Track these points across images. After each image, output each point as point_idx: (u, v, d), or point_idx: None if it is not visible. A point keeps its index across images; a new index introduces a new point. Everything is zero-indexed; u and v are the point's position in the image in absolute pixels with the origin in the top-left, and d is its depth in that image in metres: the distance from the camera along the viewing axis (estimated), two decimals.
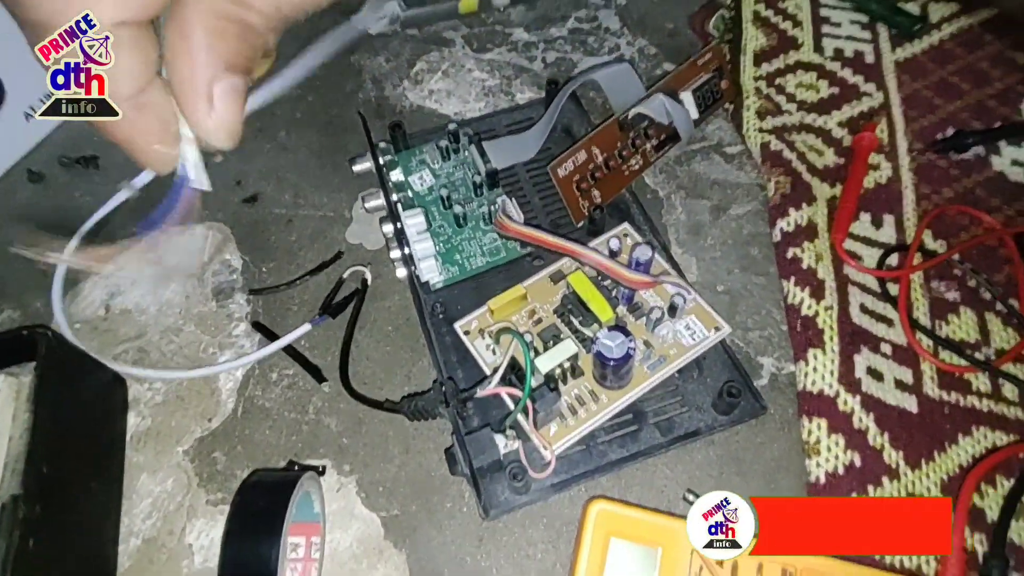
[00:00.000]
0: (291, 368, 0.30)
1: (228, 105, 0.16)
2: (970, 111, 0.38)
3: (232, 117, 0.16)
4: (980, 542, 0.25)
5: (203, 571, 0.25)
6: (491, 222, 0.32)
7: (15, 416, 0.22)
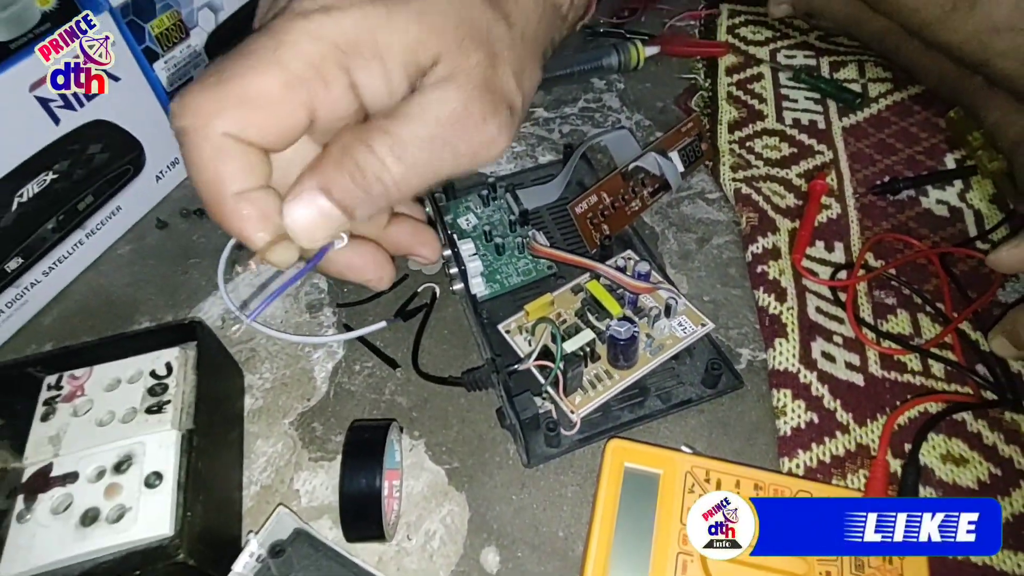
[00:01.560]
0: (370, 361, 0.38)
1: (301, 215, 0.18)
2: (903, 164, 0.48)
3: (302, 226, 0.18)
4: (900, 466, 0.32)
5: (308, 509, 0.33)
6: (524, 250, 0.42)
7: (185, 376, 0.31)
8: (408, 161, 0.19)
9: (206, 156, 0.18)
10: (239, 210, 0.18)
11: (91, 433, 0.28)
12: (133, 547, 0.26)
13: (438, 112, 0.19)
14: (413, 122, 0.19)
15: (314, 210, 0.18)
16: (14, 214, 0.38)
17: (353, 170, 0.19)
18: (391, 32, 0.19)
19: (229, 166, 0.18)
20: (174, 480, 0.27)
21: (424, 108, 0.19)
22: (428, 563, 0.31)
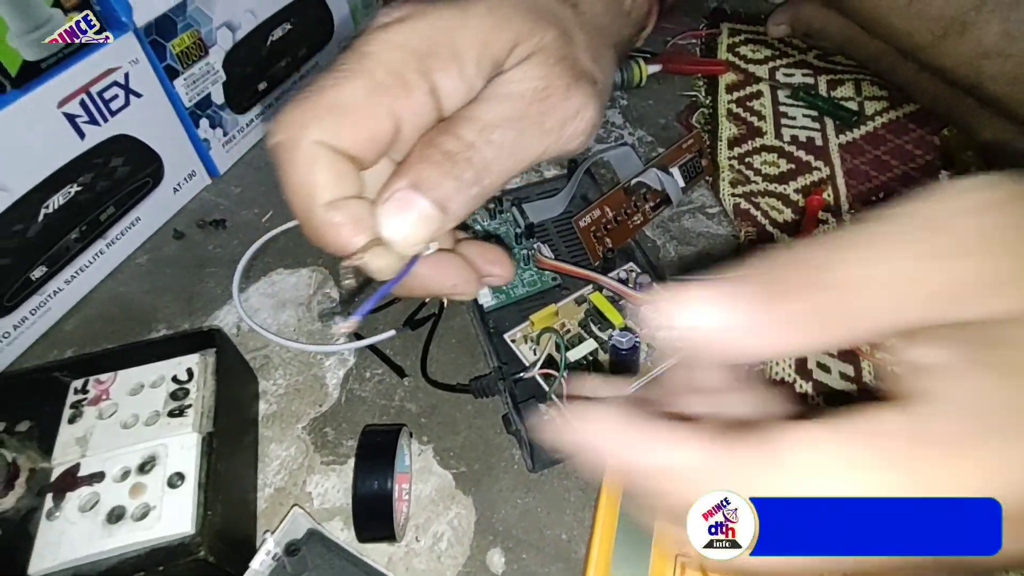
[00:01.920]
0: (380, 368, 0.40)
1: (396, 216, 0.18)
2: (898, 180, 0.49)
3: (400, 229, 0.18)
4: None
5: (320, 511, 0.34)
6: (529, 262, 0.43)
7: (205, 382, 0.32)
8: (496, 143, 0.19)
9: (299, 166, 0.18)
10: (330, 219, 0.18)
11: (116, 435, 0.30)
12: (157, 544, 0.27)
13: (521, 89, 0.19)
14: (497, 103, 0.19)
15: (409, 210, 0.18)
16: (40, 224, 0.40)
17: (442, 160, 0.18)
18: (465, 31, 0.19)
19: (320, 175, 0.18)
20: (195, 481, 0.28)
21: (506, 88, 0.19)
22: (436, 563, 0.32)
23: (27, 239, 0.39)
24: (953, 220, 0.14)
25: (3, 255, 0.38)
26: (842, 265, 0.13)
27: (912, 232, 0.14)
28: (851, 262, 0.13)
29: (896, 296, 0.13)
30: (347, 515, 0.34)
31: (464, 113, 0.20)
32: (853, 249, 0.14)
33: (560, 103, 0.20)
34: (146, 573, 0.26)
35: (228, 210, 0.50)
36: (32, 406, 0.32)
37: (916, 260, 0.13)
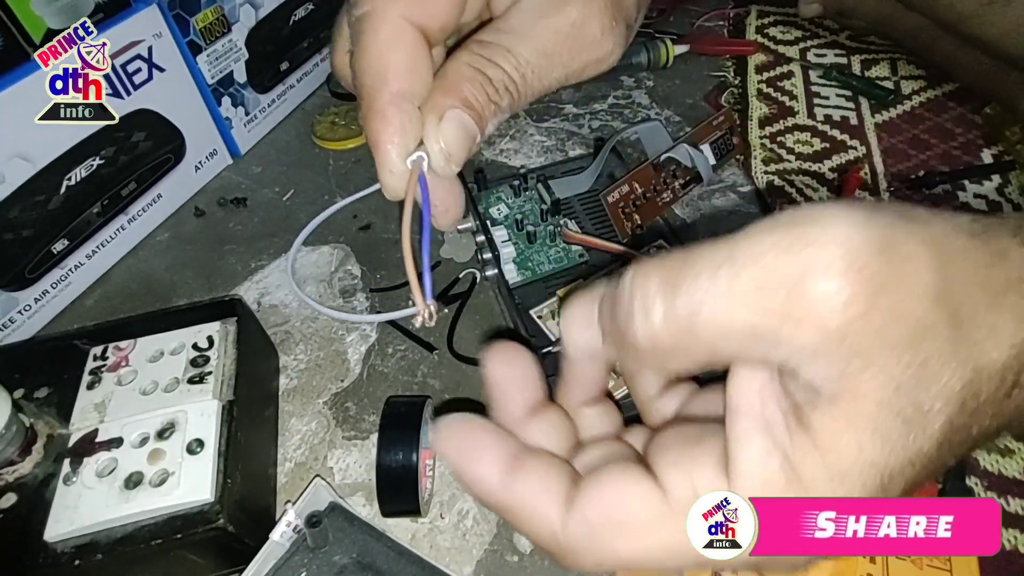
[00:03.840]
0: (403, 344, 0.39)
1: (451, 132, 0.18)
2: (938, 159, 0.47)
3: (451, 144, 0.18)
4: None
5: (341, 486, 0.33)
6: (555, 239, 0.42)
7: (226, 350, 0.31)
8: (528, 75, 0.19)
9: (382, 40, 0.19)
10: (386, 112, 0.19)
11: (135, 401, 0.29)
12: (175, 511, 0.26)
13: (557, 26, 0.20)
14: (533, 38, 0.19)
15: (459, 126, 0.18)
16: (62, 197, 0.39)
17: (487, 85, 0.19)
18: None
19: (397, 55, 0.19)
20: (215, 448, 0.28)
21: (543, 22, 0.20)
22: (461, 541, 0.31)
23: (49, 211, 0.39)
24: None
25: (25, 226, 0.38)
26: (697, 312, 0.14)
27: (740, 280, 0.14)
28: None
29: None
30: (369, 491, 0.32)
31: (503, 40, 0.20)
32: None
33: (591, 47, 0.20)
34: (163, 541, 0.26)
35: (249, 189, 0.49)
36: (51, 373, 0.31)
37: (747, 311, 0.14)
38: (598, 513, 0.16)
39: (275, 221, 0.47)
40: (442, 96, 0.19)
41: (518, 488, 0.17)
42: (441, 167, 0.19)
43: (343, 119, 0.54)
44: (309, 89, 0.57)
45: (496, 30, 0.20)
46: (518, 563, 0.30)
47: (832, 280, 0.12)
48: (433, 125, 0.18)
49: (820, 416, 0.14)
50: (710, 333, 0.14)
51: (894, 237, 0.13)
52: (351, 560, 0.28)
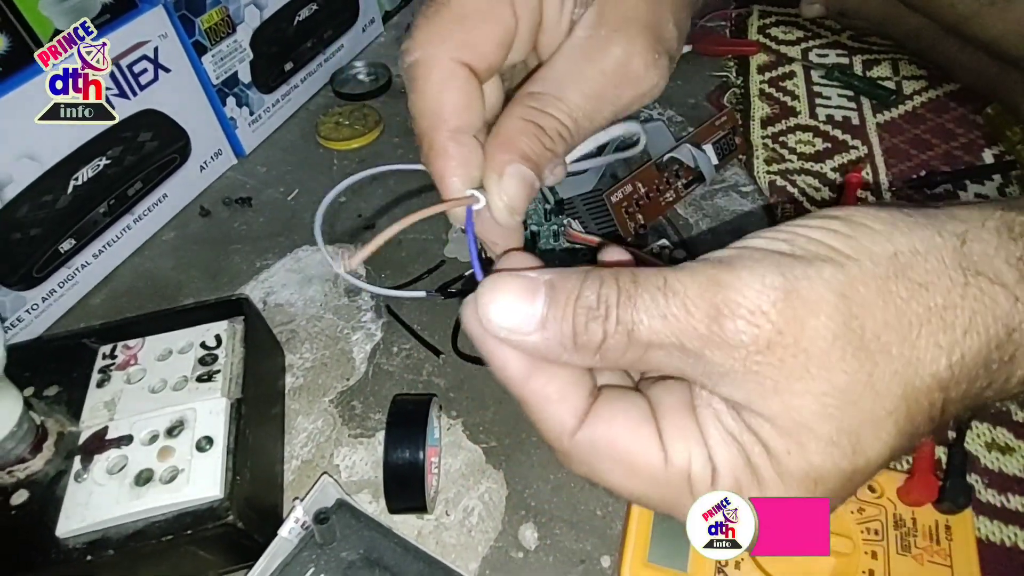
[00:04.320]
0: (408, 343, 0.39)
1: (512, 187, 0.19)
2: (939, 159, 0.47)
3: (513, 198, 0.19)
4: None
5: (348, 483, 0.33)
6: (559, 239, 0.42)
7: (234, 349, 0.32)
8: (580, 118, 0.20)
9: (434, 83, 0.19)
10: (447, 148, 0.19)
11: (144, 399, 0.29)
12: (185, 507, 0.26)
13: (603, 67, 0.20)
14: (581, 83, 0.20)
15: (519, 180, 0.19)
16: (69, 196, 0.39)
17: (541, 136, 0.20)
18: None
19: (452, 95, 0.19)
20: (224, 445, 0.28)
21: (589, 65, 0.20)
22: (467, 538, 0.31)
23: (56, 210, 0.39)
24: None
25: (33, 225, 0.38)
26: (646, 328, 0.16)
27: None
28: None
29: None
30: (375, 488, 0.33)
31: (554, 90, 0.20)
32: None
33: (637, 82, 0.21)
34: (174, 537, 0.26)
35: (254, 189, 0.50)
36: (60, 371, 0.31)
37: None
38: (606, 443, 0.17)
39: (280, 221, 0.47)
40: (501, 152, 0.19)
41: (539, 385, 0.17)
42: (505, 220, 0.20)
43: (347, 119, 0.54)
44: (313, 89, 0.57)
45: (544, 79, 0.20)
46: (523, 559, 0.30)
47: (739, 320, 0.15)
48: (495, 182, 0.19)
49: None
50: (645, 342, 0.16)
51: (799, 287, 0.15)
52: (358, 556, 0.28)
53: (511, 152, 0.19)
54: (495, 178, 0.19)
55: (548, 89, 0.20)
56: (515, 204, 0.19)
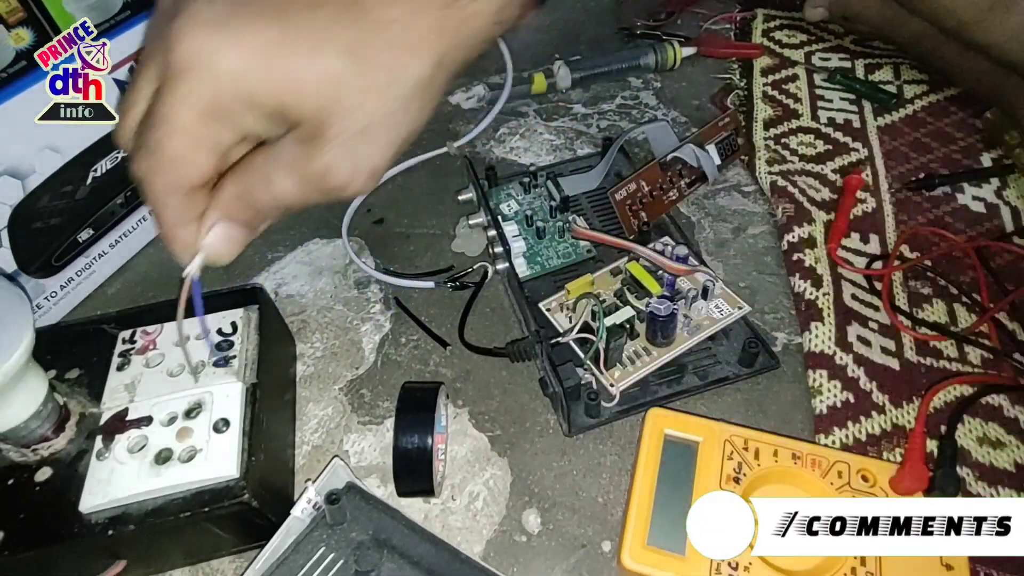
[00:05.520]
0: (416, 334, 0.40)
1: (218, 238, 0.23)
2: (938, 162, 0.48)
3: (218, 252, 0.23)
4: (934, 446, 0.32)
5: (357, 468, 0.34)
6: (564, 234, 0.43)
7: (249, 335, 0.33)
8: (286, 199, 0.22)
9: (153, 199, 0.22)
10: (174, 236, 0.23)
11: (163, 382, 0.30)
12: (202, 486, 0.27)
13: (304, 170, 0.21)
14: (287, 175, 0.22)
15: (224, 237, 0.23)
16: (88, 187, 0.41)
17: (247, 206, 0.23)
18: (258, 83, 0.20)
19: (171, 208, 0.22)
20: (240, 427, 0.29)
21: (294, 161, 0.21)
22: (472, 522, 0.32)
23: (76, 201, 0.40)
24: None
25: (53, 215, 0.39)
26: None
27: None
28: None
29: None
30: (384, 473, 0.34)
31: (264, 170, 0.22)
32: None
33: (338, 188, 0.22)
34: (192, 514, 0.27)
35: None
36: (81, 355, 0.32)
37: None
38: None
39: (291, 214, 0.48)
40: (209, 214, 0.23)
41: None
42: (213, 263, 0.24)
43: None
44: None
45: (263, 153, 0.22)
46: (526, 543, 0.31)
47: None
48: (202, 237, 0.23)
49: None
50: None
51: None
52: (368, 537, 0.29)
53: (220, 212, 0.22)
54: (204, 234, 0.23)
55: (260, 165, 0.22)
56: (222, 254, 0.23)
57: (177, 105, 0.20)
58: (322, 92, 0.20)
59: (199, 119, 0.20)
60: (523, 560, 0.31)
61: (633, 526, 0.29)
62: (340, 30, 0.20)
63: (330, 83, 0.20)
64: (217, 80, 0.19)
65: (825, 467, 0.30)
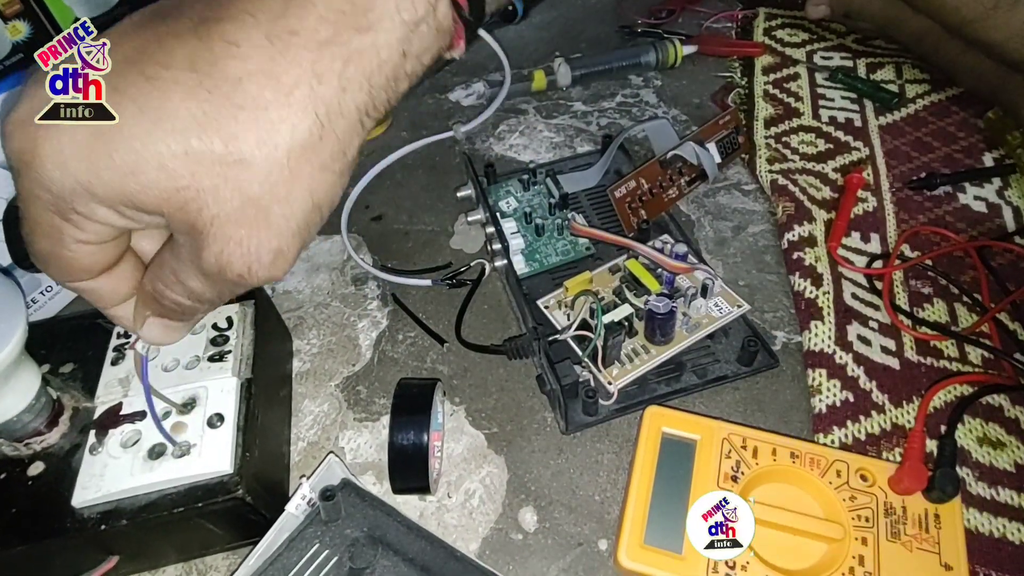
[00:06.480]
0: (413, 331, 0.40)
1: (152, 331, 0.23)
2: (940, 161, 0.48)
3: (155, 338, 0.24)
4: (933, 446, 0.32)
5: (352, 465, 0.34)
6: (563, 232, 0.43)
7: (244, 331, 0.32)
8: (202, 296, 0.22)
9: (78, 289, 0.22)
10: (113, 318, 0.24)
11: (158, 377, 0.30)
12: (196, 481, 0.27)
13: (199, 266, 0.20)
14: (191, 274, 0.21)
15: (158, 328, 0.24)
16: None
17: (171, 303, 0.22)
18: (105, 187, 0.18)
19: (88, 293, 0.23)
20: (234, 422, 0.29)
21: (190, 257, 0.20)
22: (468, 519, 0.32)
23: None
24: None
25: None
26: None
27: None
28: None
29: None
30: (379, 470, 0.34)
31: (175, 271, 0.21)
32: None
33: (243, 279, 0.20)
34: (185, 509, 0.27)
35: None
36: (75, 350, 0.32)
37: None
38: None
39: None
40: (139, 306, 0.23)
41: None
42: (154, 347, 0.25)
43: None
44: None
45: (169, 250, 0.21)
46: (522, 541, 0.31)
47: None
48: (137, 327, 0.23)
49: None
50: None
51: None
52: (362, 534, 0.29)
53: (148, 308, 0.23)
54: (139, 328, 0.23)
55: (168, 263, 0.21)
56: (160, 340, 0.24)
57: (26, 205, 0.19)
58: (171, 177, 0.18)
59: (50, 219, 0.19)
60: (519, 558, 0.31)
61: (630, 524, 0.29)
62: (181, 101, 0.17)
63: (179, 166, 0.18)
64: (49, 180, 0.18)
65: (824, 466, 0.30)
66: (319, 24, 0.18)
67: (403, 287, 0.42)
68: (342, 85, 0.19)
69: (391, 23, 0.19)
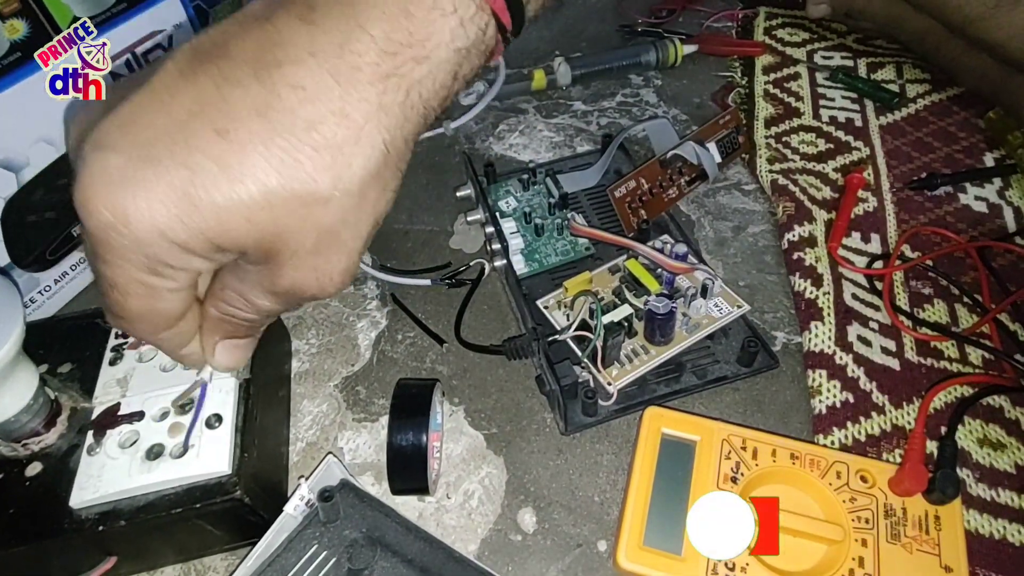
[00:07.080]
0: (412, 331, 0.40)
1: (225, 355, 0.24)
2: (941, 161, 0.48)
3: (225, 364, 0.24)
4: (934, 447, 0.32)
5: (351, 465, 0.34)
6: (563, 232, 0.43)
7: None
8: (271, 311, 0.23)
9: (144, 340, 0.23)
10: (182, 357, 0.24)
11: (156, 377, 0.30)
12: (194, 482, 0.27)
13: (272, 288, 0.21)
14: (260, 294, 0.21)
15: (227, 351, 0.24)
16: None
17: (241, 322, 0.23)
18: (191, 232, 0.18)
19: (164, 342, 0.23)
20: (232, 423, 0.29)
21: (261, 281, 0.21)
22: (467, 520, 0.32)
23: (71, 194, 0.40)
24: None
25: (47, 208, 0.39)
26: None
27: None
28: None
29: None
30: (378, 470, 0.34)
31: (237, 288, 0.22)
32: None
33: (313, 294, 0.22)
34: (183, 510, 0.27)
35: None
36: (73, 350, 0.32)
37: None
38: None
39: None
40: (207, 335, 0.23)
41: None
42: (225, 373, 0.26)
43: None
44: None
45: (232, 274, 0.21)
46: (521, 542, 0.31)
47: None
48: (209, 357, 0.24)
49: None
50: None
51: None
52: (361, 535, 0.29)
53: (215, 334, 0.23)
54: (209, 356, 0.24)
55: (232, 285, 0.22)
56: (230, 365, 0.25)
57: (115, 270, 0.19)
58: (254, 222, 0.18)
59: (142, 278, 0.19)
60: (518, 559, 0.30)
61: (629, 526, 0.28)
62: (258, 153, 0.18)
63: (260, 211, 0.18)
64: (140, 241, 0.18)
65: (824, 467, 0.29)
66: (380, 58, 0.19)
67: (402, 287, 0.42)
68: (404, 114, 0.20)
69: (446, 51, 0.20)
